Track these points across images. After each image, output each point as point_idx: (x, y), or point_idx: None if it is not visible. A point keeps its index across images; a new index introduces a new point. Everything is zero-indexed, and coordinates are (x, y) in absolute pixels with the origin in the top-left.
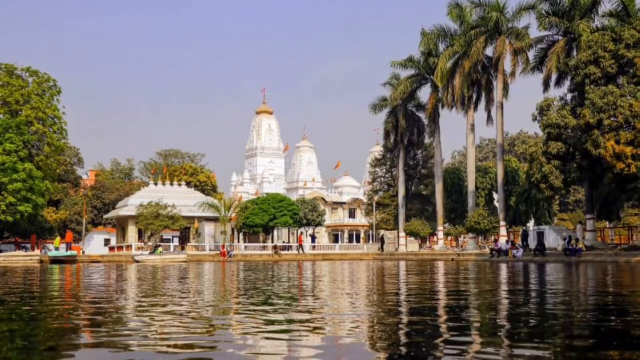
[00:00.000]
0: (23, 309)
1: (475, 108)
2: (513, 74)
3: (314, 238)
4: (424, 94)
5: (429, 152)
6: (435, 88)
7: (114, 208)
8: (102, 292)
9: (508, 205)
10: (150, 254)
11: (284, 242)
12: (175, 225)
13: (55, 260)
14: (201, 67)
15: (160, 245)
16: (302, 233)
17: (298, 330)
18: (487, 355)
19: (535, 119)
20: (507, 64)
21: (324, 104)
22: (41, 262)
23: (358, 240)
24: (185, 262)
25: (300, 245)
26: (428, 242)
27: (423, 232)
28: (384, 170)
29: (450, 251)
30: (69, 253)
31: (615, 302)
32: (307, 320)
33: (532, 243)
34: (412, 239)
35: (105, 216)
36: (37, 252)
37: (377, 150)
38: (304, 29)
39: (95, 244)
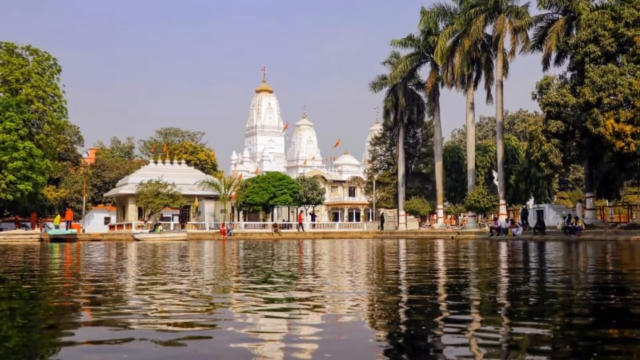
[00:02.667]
0: (23, 287)
1: (475, 86)
2: (512, 52)
3: (313, 216)
4: (424, 72)
5: (428, 131)
6: (435, 66)
7: (113, 186)
8: (102, 270)
9: (507, 183)
10: (150, 232)
11: (283, 221)
12: (175, 204)
13: (55, 239)
14: (201, 46)
15: (160, 224)
16: (301, 211)
17: (298, 309)
18: (487, 333)
19: (534, 97)
20: (506, 42)
21: (324, 82)
22: (41, 240)
23: (358, 219)
24: (185, 240)
25: (300, 224)
26: (428, 221)
27: (423, 210)
28: (384, 149)
29: (450, 229)
30: (69, 231)
31: (614, 281)
32: (307, 299)
33: (532, 221)
34: (412, 217)
35: (105, 194)
36: (37, 230)
37: (377, 129)
38: (304, 7)
39: (95, 222)
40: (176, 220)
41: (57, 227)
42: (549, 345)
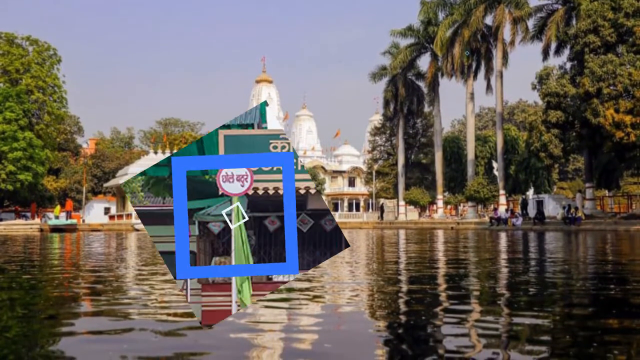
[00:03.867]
0: (23, 277)
1: (475, 77)
2: (512, 42)
3: None
4: (424, 62)
5: (428, 121)
6: (434, 57)
7: (113, 177)
8: (102, 260)
9: (507, 173)
10: None
11: None
12: None
13: (55, 229)
14: (201, 36)
15: None
16: None
17: (297, 299)
18: (487, 323)
19: (534, 88)
20: (506, 32)
21: (324, 73)
22: (41, 230)
23: (357, 209)
24: None
25: None
26: (427, 211)
27: (422, 200)
28: (384, 139)
29: (450, 220)
30: (69, 221)
31: (614, 271)
32: (307, 289)
33: (532, 211)
34: (412, 207)
35: (105, 185)
36: (37, 220)
37: (377, 119)
38: None
39: (95, 213)
40: None
41: (57, 217)
42: (549, 335)
